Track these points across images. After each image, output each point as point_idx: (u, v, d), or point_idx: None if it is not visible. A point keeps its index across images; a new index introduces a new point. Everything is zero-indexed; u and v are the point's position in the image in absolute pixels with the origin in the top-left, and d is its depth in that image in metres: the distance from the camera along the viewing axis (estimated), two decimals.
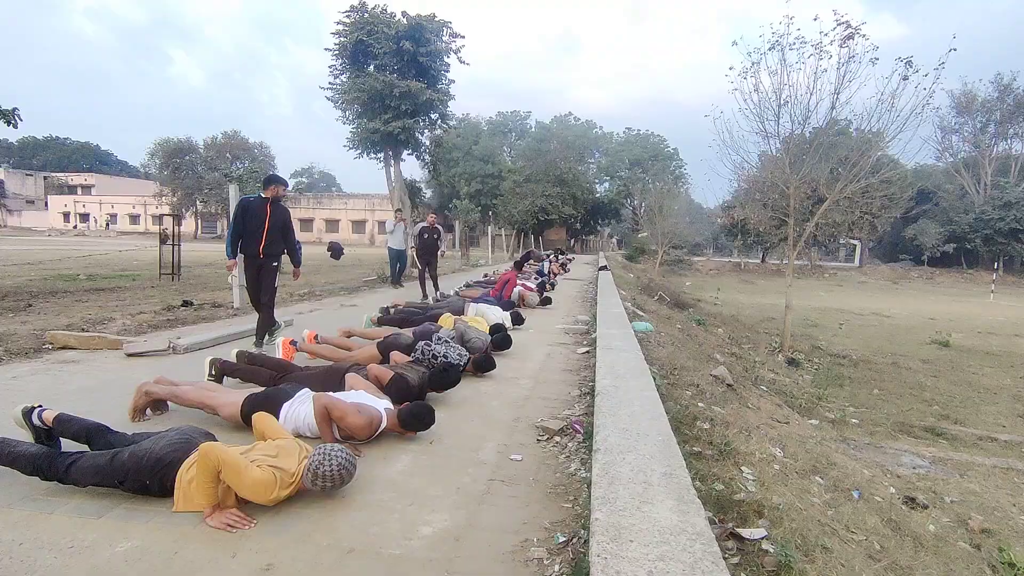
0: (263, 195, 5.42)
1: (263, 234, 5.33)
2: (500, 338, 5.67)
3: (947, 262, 44.86)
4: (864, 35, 10.22)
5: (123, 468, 2.39)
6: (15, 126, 7.40)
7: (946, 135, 48.72)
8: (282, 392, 3.34)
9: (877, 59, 10.14)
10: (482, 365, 4.81)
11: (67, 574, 1.92)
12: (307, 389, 3.36)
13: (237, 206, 5.50)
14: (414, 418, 3.20)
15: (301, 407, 3.20)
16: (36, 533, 2.16)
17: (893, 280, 38.70)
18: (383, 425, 3.15)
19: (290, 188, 28.79)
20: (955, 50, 9.88)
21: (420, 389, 3.77)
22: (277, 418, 3.14)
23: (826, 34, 10.43)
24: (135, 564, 1.99)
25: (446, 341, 4.86)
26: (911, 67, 9.83)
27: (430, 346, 4.61)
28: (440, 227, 10.69)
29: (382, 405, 3.26)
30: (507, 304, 8.34)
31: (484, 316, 7.00)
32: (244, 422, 3.15)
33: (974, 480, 5.29)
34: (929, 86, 9.76)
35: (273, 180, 5.58)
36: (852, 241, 48.82)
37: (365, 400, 3.25)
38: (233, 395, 3.36)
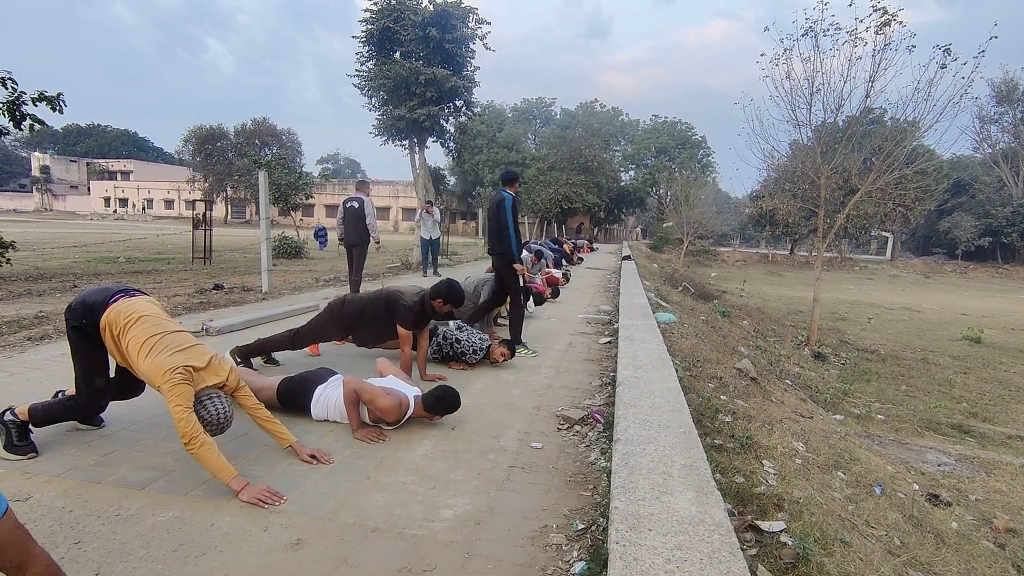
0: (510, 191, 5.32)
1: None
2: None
3: (982, 256, 43.31)
4: (901, 21, 9.92)
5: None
6: (60, 111, 7.69)
7: (984, 125, 46.89)
8: (317, 375, 3.40)
9: (914, 46, 9.82)
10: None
11: (115, 539, 2.04)
12: (340, 374, 3.42)
13: (512, 203, 5.23)
14: (438, 400, 3.22)
15: (333, 391, 3.26)
16: (85, 501, 2.29)
17: (925, 274, 37.63)
18: (411, 410, 3.21)
19: (317, 176, 29.07)
20: (996, 37, 9.52)
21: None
22: (310, 401, 3.24)
23: (861, 20, 10.16)
24: (176, 533, 2.10)
25: (466, 327, 4.88)
26: (949, 55, 9.50)
27: (450, 333, 4.67)
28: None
29: (411, 391, 3.31)
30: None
31: None
32: (280, 404, 3.26)
33: (1001, 479, 5.20)
34: (968, 74, 9.44)
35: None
36: (884, 234, 47.49)
37: (395, 385, 3.31)
38: (268, 380, 3.42)
